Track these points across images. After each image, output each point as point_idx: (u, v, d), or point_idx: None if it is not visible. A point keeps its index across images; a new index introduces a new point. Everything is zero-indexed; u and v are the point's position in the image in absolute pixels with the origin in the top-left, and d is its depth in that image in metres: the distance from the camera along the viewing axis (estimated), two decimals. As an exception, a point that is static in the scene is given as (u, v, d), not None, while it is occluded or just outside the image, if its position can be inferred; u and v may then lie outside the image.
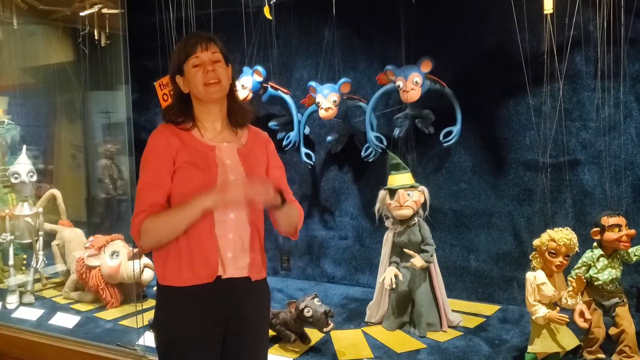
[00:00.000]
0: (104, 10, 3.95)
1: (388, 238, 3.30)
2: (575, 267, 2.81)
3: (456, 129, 3.43)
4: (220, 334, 1.90)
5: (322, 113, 3.51)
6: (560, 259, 2.58)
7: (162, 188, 1.83)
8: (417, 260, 3.09)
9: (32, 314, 3.67)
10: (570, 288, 2.57)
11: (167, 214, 1.80)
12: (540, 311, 2.55)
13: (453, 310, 3.33)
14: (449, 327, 3.23)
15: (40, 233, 4.04)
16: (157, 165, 1.83)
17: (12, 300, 3.83)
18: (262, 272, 1.98)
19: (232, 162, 1.89)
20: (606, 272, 2.72)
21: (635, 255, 2.73)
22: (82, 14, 4.01)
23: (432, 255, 3.17)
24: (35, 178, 4.02)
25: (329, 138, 3.97)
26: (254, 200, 1.81)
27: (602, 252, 2.75)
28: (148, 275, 3.60)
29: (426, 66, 3.25)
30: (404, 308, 3.26)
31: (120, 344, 3.13)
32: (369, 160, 3.71)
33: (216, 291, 1.84)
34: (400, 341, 3.10)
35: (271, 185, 1.80)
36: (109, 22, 4.04)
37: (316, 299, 2.96)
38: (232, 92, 1.97)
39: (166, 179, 1.83)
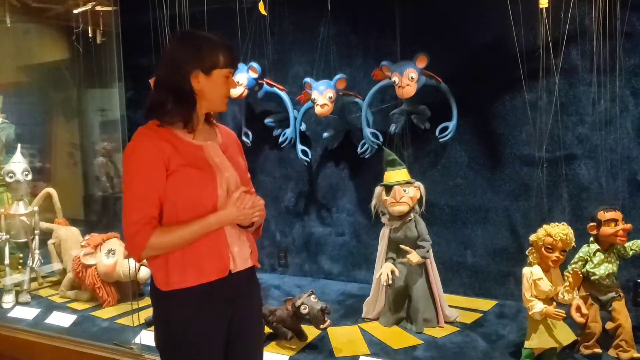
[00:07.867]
0: (97, 8, 3.92)
1: (384, 234, 3.29)
2: (572, 262, 2.81)
3: (452, 124, 3.42)
4: (224, 330, 1.91)
5: (318, 110, 3.50)
6: (557, 254, 2.58)
7: (156, 199, 1.78)
8: (414, 256, 3.08)
9: (28, 313, 3.66)
10: (567, 283, 2.57)
11: (181, 228, 1.78)
12: (537, 306, 2.55)
13: (450, 306, 3.33)
14: (445, 322, 3.22)
15: (36, 232, 4.02)
16: (149, 174, 1.77)
17: (8, 299, 3.82)
18: (256, 257, 2.03)
19: (220, 160, 1.91)
20: (603, 267, 2.72)
21: (631, 249, 2.74)
22: (75, 11, 3.99)
23: (428, 251, 3.17)
24: (30, 177, 4.00)
25: (325, 134, 3.96)
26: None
27: (598, 247, 2.75)
28: (144, 273, 3.59)
29: (421, 62, 3.24)
30: (401, 304, 3.26)
31: (116, 342, 3.13)
32: (365, 157, 3.70)
33: (223, 287, 1.85)
34: (397, 337, 3.10)
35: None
36: (102, 19, 4.02)
37: (313, 296, 2.95)
38: None
39: (159, 189, 1.77)
